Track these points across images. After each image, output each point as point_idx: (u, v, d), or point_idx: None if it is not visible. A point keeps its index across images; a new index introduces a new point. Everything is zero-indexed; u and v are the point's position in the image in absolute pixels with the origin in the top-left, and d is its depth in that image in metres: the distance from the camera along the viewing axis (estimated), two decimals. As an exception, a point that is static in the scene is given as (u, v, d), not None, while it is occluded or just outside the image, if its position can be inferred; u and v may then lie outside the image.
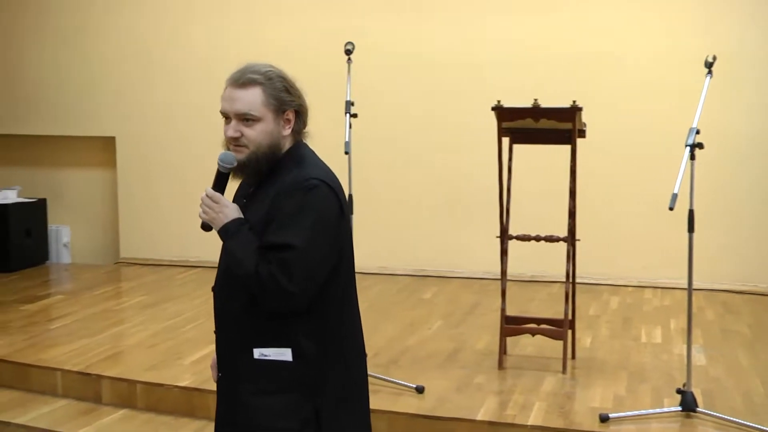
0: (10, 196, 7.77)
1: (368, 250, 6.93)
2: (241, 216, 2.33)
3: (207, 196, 2.37)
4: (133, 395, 4.57)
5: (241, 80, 2.30)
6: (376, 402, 4.13)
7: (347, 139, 4.26)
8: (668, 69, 6.66)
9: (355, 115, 4.43)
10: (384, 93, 7.02)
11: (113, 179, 8.06)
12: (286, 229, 2.23)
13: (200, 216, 2.39)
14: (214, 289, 2.46)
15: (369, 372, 4.58)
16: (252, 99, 2.29)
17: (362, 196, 5.39)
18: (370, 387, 4.43)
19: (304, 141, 2.43)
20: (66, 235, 8.14)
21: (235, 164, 2.33)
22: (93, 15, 7.91)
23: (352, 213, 4.48)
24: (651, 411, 4.04)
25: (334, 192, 2.32)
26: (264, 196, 2.31)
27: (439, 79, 7.10)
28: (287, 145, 2.36)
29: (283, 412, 2.29)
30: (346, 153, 4.27)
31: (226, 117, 2.33)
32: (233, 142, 2.32)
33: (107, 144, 8.01)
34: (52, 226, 8.08)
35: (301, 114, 2.38)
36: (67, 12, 7.97)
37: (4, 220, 7.52)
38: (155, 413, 4.47)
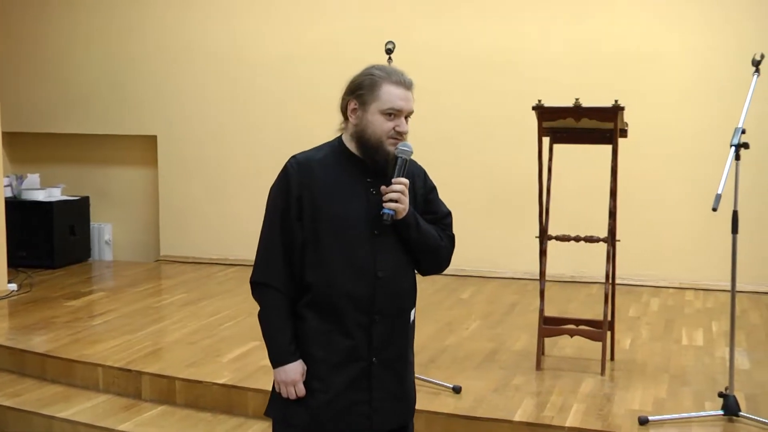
0: (55, 194, 7.91)
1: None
2: None
3: (402, 184, 2.51)
4: (173, 392, 4.62)
5: (408, 83, 2.55)
6: (413, 401, 4.15)
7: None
8: (712, 67, 6.57)
9: (394, 115, 4.41)
10: (425, 92, 6.98)
11: (154, 178, 8.16)
12: (441, 202, 2.71)
13: (392, 206, 2.49)
14: (380, 275, 2.51)
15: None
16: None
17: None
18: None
19: None
20: (108, 233, 8.26)
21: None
22: (134, 15, 8.01)
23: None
24: (692, 414, 3.99)
25: None
26: (388, 182, 2.54)
27: (479, 79, 7.07)
28: None
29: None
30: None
31: (396, 113, 2.52)
32: (400, 136, 2.53)
33: (149, 143, 8.11)
34: (94, 224, 8.21)
35: None
36: (111, 13, 8.08)
37: (49, 217, 7.66)
38: (194, 410, 4.51)
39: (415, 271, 2.67)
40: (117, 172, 8.34)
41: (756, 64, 4.05)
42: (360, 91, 2.53)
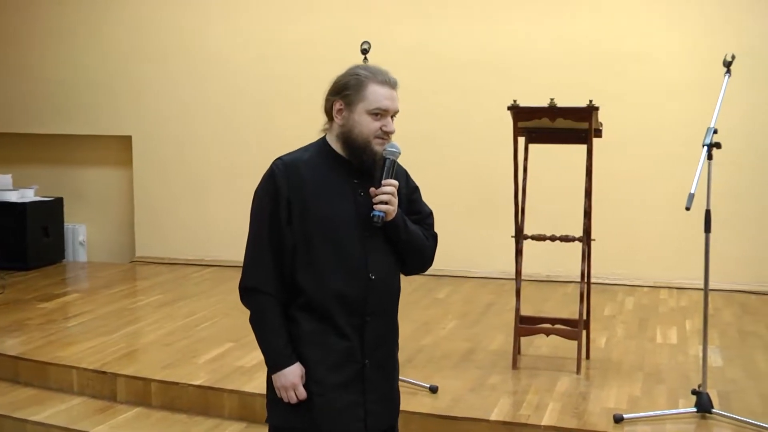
0: (28, 195, 7.82)
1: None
2: None
3: (392, 186, 2.50)
4: (148, 393, 4.59)
5: (393, 82, 2.55)
6: (390, 401, 4.16)
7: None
8: (687, 68, 6.63)
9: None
10: (403, 92, 7.00)
11: (129, 178, 8.10)
12: (423, 202, 2.73)
13: (382, 208, 2.48)
14: (372, 277, 2.50)
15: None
16: None
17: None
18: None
19: None
20: (82, 234, 8.19)
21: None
22: (110, 14, 7.95)
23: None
24: (666, 412, 4.02)
25: None
26: (375, 183, 2.53)
27: (461, 79, 7.09)
28: None
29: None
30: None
31: (383, 113, 2.52)
32: (387, 136, 2.53)
33: (124, 143, 8.05)
34: (68, 225, 8.13)
35: None
36: (85, 11, 8.01)
37: (22, 218, 7.58)
38: (170, 411, 4.49)
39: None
40: (91, 172, 8.27)
41: (727, 65, 4.09)
42: (346, 91, 2.50)
